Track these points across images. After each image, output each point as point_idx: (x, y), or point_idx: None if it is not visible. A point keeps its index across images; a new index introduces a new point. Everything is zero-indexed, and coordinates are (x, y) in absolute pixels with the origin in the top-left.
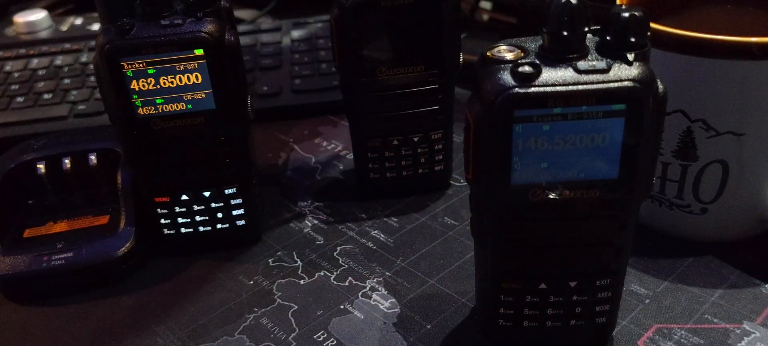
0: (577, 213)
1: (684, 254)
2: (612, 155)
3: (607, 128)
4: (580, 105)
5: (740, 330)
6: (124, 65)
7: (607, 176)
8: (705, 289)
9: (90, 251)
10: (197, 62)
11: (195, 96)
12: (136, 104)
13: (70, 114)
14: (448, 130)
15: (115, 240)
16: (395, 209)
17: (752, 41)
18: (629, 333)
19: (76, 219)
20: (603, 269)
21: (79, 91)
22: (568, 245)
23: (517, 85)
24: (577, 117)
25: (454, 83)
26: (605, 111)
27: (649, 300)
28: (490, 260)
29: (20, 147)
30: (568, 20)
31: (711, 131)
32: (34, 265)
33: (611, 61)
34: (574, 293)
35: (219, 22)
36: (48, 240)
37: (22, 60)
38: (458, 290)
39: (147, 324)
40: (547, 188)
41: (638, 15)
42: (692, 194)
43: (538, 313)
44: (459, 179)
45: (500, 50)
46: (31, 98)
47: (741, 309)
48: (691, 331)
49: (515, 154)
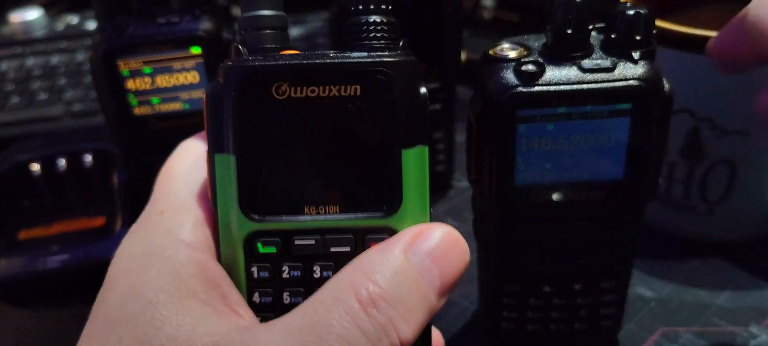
0: (582, 214)
1: (690, 256)
2: (617, 155)
3: (612, 128)
4: (585, 104)
5: (747, 333)
6: (120, 64)
7: (612, 177)
8: (711, 291)
9: (86, 252)
10: (194, 61)
11: (192, 95)
12: (132, 104)
13: (66, 114)
14: (449, 129)
15: (111, 242)
16: None
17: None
18: (634, 336)
19: (71, 221)
20: (608, 271)
21: (75, 91)
22: (572, 247)
23: (520, 84)
24: (581, 117)
25: (455, 82)
26: (610, 110)
27: (654, 303)
28: (493, 263)
29: (15, 147)
30: (572, 18)
31: (718, 131)
32: (29, 267)
33: (616, 60)
34: (578, 295)
35: (216, 20)
36: (43, 242)
37: (17, 59)
38: (460, 292)
39: None
40: (551, 188)
41: (644, 13)
42: (699, 194)
43: (541, 316)
44: (461, 180)
45: (503, 49)
46: (26, 98)
47: (748, 312)
48: (697, 334)
49: (519, 154)
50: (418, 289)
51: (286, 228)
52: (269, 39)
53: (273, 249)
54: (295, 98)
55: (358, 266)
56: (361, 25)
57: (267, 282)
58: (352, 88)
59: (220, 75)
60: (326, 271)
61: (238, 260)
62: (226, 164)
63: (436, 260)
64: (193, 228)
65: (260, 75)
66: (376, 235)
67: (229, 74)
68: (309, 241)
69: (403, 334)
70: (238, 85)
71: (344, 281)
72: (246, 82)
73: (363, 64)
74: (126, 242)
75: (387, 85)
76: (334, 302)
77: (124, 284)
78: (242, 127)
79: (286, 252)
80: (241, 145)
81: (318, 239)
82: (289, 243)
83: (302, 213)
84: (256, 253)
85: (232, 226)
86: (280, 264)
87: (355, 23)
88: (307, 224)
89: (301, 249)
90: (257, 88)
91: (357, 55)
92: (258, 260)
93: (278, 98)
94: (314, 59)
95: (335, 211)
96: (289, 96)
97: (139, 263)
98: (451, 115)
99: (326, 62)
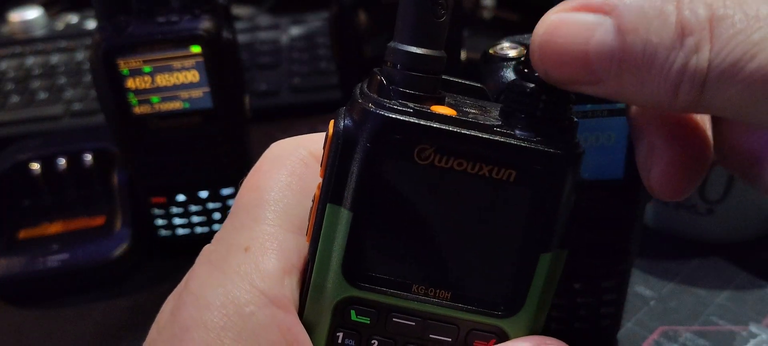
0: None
1: (690, 255)
2: (617, 154)
3: (612, 127)
4: (585, 103)
5: (746, 332)
6: (120, 63)
7: (612, 176)
8: (711, 290)
9: (85, 252)
10: (194, 60)
11: (192, 94)
12: (131, 103)
13: (66, 113)
14: None
15: (110, 241)
16: None
17: None
18: (634, 335)
19: (71, 220)
20: (607, 271)
21: (75, 90)
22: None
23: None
24: (581, 115)
25: None
26: (610, 109)
27: (654, 302)
28: None
29: (15, 147)
30: None
31: None
32: (29, 266)
33: None
34: (578, 295)
35: (216, 20)
36: (43, 241)
37: (17, 58)
38: None
39: (144, 327)
40: None
41: None
42: (698, 194)
43: None
44: None
45: (503, 48)
46: (26, 97)
47: (747, 311)
48: (696, 333)
49: None
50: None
51: (388, 303)
52: (423, 85)
53: (367, 320)
54: (439, 167)
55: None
56: (532, 94)
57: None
58: (507, 173)
59: (354, 112)
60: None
61: (324, 323)
62: (338, 218)
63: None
64: (280, 277)
65: (406, 132)
66: (482, 332)
67: (368, 120)
68: (409, 322)
69: None
70: (377, 137)
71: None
72: (387, 135)
73: (530, 151)
74: (204, 282)
75: (549, 180)
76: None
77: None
78: (370, 184)
79: (380, 326)
80: (362, 203)
81: (418, 322)
82: (387, 318)
83: (409, 291)
84: (347, 320)
85: (327, 286)
86: (370, 337)
87: (519, 89)
88: (411, 304)
89: (398, 328)
90: (398, 146)
91: (523, 134)
92: (347, 327)
93: (419, 163)
94: (474, 130)
95: (446, 297)
96: (432, 163)
97: (216, 319)
98: None
99: (487, 138)
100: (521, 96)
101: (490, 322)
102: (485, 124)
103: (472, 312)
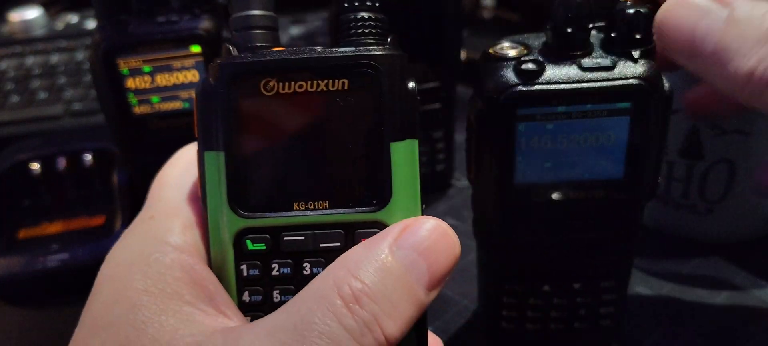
0: (581, 214)
1: (689, 255)
2: (617, 154)
3: (612, 127)
4: (585, 103)
5: (746, 332)
6: (120, 63)
7: (611, 176)
8: (711, 291)
9: (85, 252)
10: (194, 60)
11: (192, 94)
12: (131, 103)
13: (66, 113)
14: (449, 129)
15: (111, 241)
16: None
17: None
18: (634, 336)
19: (71, 220)
20: (607, 271)
21: (75, 90)
22: (571, 246)
23: (520, 83)
24: (581, 115)
25: (455, 81)
26: (610, 109)
27: (654, 302)
28: (492, 262)
29: (15, 147)
30: (572, 17)
31: (717, 130)
32: (29, 266)
33: (616, 59)
34: (578, 295)
35: (215, 19)
36: (43, 241)
37: (16, 58)
38: (460, 291)
39: None
40: (550, 187)
41: (643, 12)
42: (698, 193)
43: (541, 315)
44: (461, 179)
45: (503, 47)
46: (26, 97)
47: (747, 311)
48: (696, 333)
49: (518, 153)
50: (404, 284)
51: (276, 224)
52: (259, 38)
53: (262, 246)
54: (284, 94)
55: (343, 262)
56: (350, 21)
57: (256, 280)
58: (340, 83)
59: (210, 73)
60: (316, 268)
61: (228, 259)
62: (215, 161)
63: (424, 254)
64: (182, 231)
65: (248, 71)
66: (366, 229)
67: (218, 72)
68: (298, 237)
69: (389, 330)
70: (227, 82)
71: (328, 278)
72: (235, 78)
73: (350, 58)
74: (115, 249)
75: (374, 79)
76: (317, 300)
77: (109, 289)
78: (231, 123)
79: (275, 249)
80: (230, 141)
81: (307, 235)
82: (279, 240)
83: (292, 209)
84: (245, 250)
85: (221, 223)
86: (270, 261)
87: (345, 20)
88: (297, 220)
89: (291, 246)
90: (246, 85)
91: (344, 49)
92: (247, 257)
93: (267, 94)
94: (301, 55)
95: (325, 206)
96: (278, 92)
97: (124, 268)
98: (451, 115)
99: (313, 57)
100: (346, 23)
101: (369, 218)
102: (313, 49)
103: (350, 213)
